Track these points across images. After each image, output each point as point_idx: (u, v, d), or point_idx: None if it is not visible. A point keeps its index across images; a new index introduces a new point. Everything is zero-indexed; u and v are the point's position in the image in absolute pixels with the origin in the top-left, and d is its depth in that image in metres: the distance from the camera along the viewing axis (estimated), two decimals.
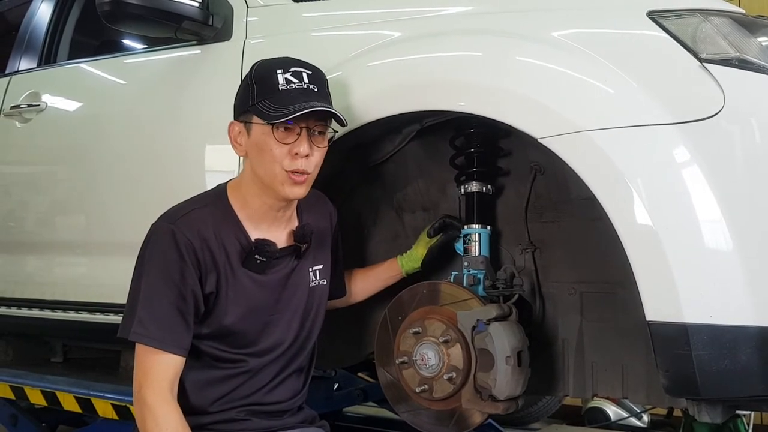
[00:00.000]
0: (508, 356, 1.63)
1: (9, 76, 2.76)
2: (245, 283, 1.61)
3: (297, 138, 1.54)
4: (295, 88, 1.53)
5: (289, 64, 1.57)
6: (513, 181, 1.93)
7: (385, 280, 1.98)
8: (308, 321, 1.72)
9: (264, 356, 1.66)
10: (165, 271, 1.53)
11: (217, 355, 1.62)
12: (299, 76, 1.55)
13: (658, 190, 1.39)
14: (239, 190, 1.64)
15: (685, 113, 1.39)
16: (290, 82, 1.53)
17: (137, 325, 1.52)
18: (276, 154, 1.53)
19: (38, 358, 3.05)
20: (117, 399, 2.31)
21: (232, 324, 1.60)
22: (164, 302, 1.52)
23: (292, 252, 1.68)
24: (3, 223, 2.66)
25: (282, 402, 1.70)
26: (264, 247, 1.61)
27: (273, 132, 1.53)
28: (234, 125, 1.61)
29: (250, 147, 1.58)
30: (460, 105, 1.60)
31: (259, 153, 1.56)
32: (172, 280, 1.52)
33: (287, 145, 1.53)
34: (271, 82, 1.54)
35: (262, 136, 1.55)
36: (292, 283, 1.69)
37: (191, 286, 1.54)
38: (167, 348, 1.52)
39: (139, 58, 2.47)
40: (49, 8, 2.86)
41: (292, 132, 1.54)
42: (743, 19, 1.50)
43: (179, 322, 1.53)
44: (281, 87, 1.53)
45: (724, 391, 1.39)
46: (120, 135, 2.28)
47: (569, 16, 1.60)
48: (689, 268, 1.36)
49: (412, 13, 1.80)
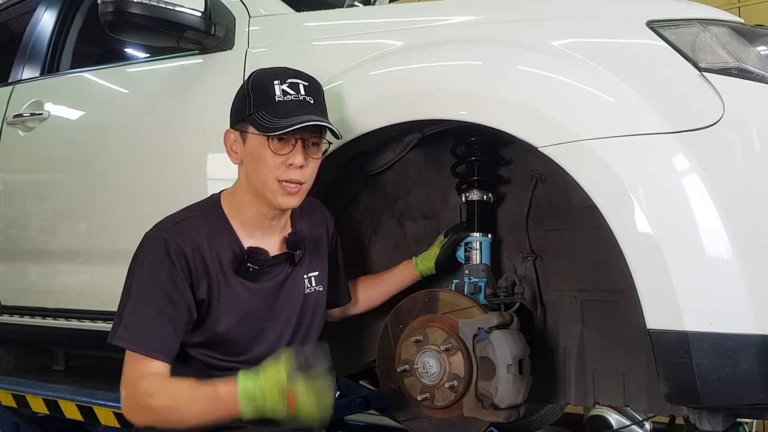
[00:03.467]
0: (509, 364, 1.63)
1: (12, 84, 2.77)
2: (238, 291, 1.61)
3: (292, 149, 1.55)
4: (292, 99, 1.54)
5: (286, 75, 1.58)
6: (514, 189, 1.94)
7: (401, 282, 1.95)
8: (302, 328, 1.72)
9: (257, 364, 1.65)
10: (154, 278, 1.54)
11: (211, 363, 1.63)
12: (296, 88, 1.56)
13: (658, 199, 1.39)
14: (233, 198, 1.65)
15: (684, 122, 1.40)
16: (287, 93, 1.54)
17: (123, 331, 1.53)
18: (270, 164, 1.55)
19: (40, 366, 3.06)
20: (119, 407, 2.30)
21: (225, 331, 1.61)
22: (152, 308, 1.53)
23: (285, 259, 1.69)
24: (6, 231, 2.66)
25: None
26: (256, 255, 1.61)
27: (268, 143, 1.54)
28: (230, 133, 1.62)
29: (245, 156, 1.59)
30: (460, 114, 1.61)
31: (254, 162, 1.57)
32: (161, 287, 1.53)
33: (282, 156, 1.55)
34: (267, 93, 1.55)
35: (257, 146, 1.56)
36: (286, 290, 1.69)
37: (182, 292, 1.54)
38: (152, 354, 1.52)
39: (141, 67, 2.48)
40: (52, 17, 2.86)
41: (287, 143, 1.55)
42: (742, 29, 1.51)
43: (166, 328, 1.53)
44: (278, 98, 1.54)
45: (724, 399, 1.39)
46: (122, 143, 2.29)
47: (569, 25, 1.61)
48: (690, 276, 1.36)
49: (413, 23, 1.81)
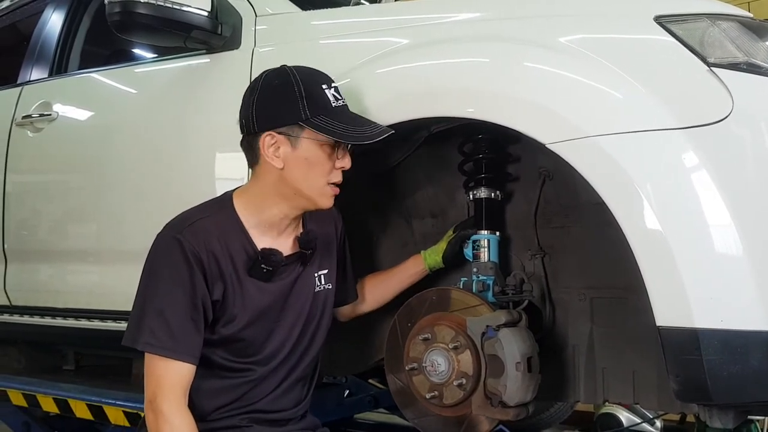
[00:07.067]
0: (518, 362, 1.63)
1: (21, 86, 2.79)
2: (252, 292, 1.61)
3: (344, 153, 1.61)
4: (341, 105, 1.59)
5: (326, 80, 1.61)
6: (522, 186, 1.93)
7: (410, 276, 1.95)
8: (311, 326, 1.72)
9: (268, 363, 1.66)
10: (175, 281, 1.53)
11: (224, 364, 1.63)
12: (339, 93, 1.61)
13: (667, 195, 1.38)
14: (248, 199, 1.64)
15: (693, 118, 1.39)
16: (337, 99, 1.59)
17: (149, 336, 1.52)
18: (327, 168, 1.59)
19: (50, 366, 3.08)
20: (129, 406, 2.32)
21: (239, 332, 1.61)
22: (177, 311, 1.53)
23: (297, 259, 1.69)
24: (16, 231, 2.67)
25: (285, 410, 1.71)
26: (270, 256, 1.61)
27: (333, 148, 1.58)
28: (271, 136, 1.56)
29: (294, 159, 1.57)
30: (468, 111, 1.61)
31: (307, 166, 1.57)
32: (183, 289, 1.53)
33: (337, 160, 1.60)
34: (322, 99, 1.56)
35: (314, 149, 1.57)
36: (297, 289, 1.69)
37: (201, 294, 1.54)
38: (180, 357, 1.52)
39: (149, 68, 2.48)
40: (59, 19, 2.88)
41: (341, 147, 1.60)
42: (751, 23, 1.50)
43: (191, 330, 1.54)
44: (333, 105, 1.57)
45: (735, 397, 1.38)
46: (130, 143, 2.30)
47: (576, 21, 1.60)
48: (699, 272, 1.35)
49: (419, 21, 1.81)
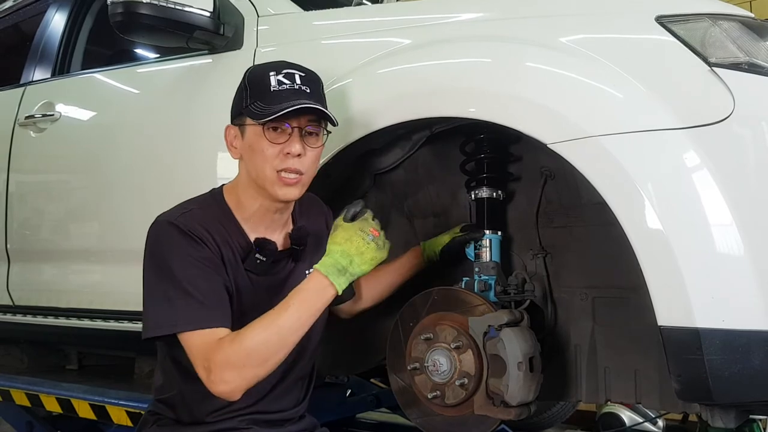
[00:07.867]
0: (520, 362, 1.63)
1: (24, 86, 2.80)
2: (246, 285, 1.61)
3: (288, 138, 1.55)
4: (287, 88, 1.55)
5: (282, 67, 1.59)
6: (523, 186, 1.93)
7: (408, 270, 1.95)
8: None
9: None
10: (187, 256, 1.51)
11: None
12: (291, 78, 1.56)
13: (669, 195, 1.39)
14: (235, 193, 1.65)
15: (694, 118, 1.39)
16: (282, 83, 1.55)
17: (182, 320, 1.48)
18: (268, 154, 1.55)
19: (53, 365, 3.09)
20: (131, 406, 2.33)
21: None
22: (199, 283, 1.50)
23: (289, 255, 1.69)
24: (19, 231, 2.68)
25: (284, 411, 1.71)
26: (265, 245, 1.61)
27: (264, 132, 1.54)
28: (230, 129, 1.63)
29: (244, 149, 1.59)
30: (469, 111, 1.61)
31: (252, 154, 1.57)
32: (198, 260, 1.51)
33: (279, 145, 1.55)
34: (263, 84, 1.55)
35: (254, 137, 1.56)
36: (289, 286, 1.66)
37: (215, 261, 1.54)
38: (218, 323, 1.49)
39: (151, 68, 2.49)
40: (62, 19, 2.89)
41: (284, 132, 1.55)
42: (753, 23, 1.50)
43: (221, 295, 1.53)
44: (273, 88, 1.54)
45: (736, 396, 1.38)
46: (133, 143, 2.30)
47: (578, 21, 1.60)
48: (700, 272, 1.36)
49: (421, 20, 1.81)
